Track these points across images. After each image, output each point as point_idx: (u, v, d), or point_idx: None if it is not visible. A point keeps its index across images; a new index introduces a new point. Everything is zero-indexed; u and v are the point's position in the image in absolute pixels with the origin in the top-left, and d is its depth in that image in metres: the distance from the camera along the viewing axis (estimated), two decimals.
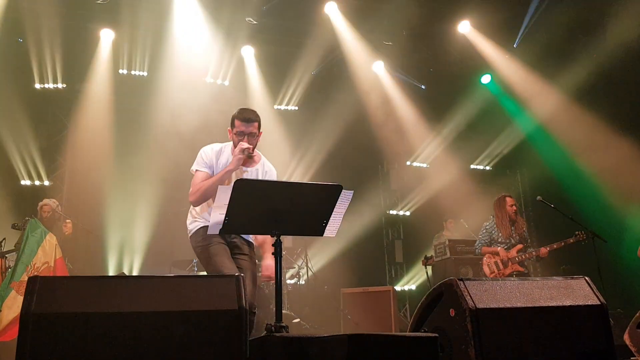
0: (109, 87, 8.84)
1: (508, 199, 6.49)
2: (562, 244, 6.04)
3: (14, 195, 8.33)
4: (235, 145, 3.76)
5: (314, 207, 3.11)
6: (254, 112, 3.84)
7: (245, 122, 3.74)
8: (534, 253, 6.19)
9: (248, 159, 3.74)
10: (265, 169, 3.94)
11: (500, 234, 6.40)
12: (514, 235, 6.38)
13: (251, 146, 3.69)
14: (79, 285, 2.25)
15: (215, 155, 3.82)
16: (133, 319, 2.18)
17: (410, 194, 10.90)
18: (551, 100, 9.00)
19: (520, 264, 6.22)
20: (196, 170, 3.79)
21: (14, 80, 8.27)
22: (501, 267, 6.26)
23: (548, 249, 6.08)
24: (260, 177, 3.87)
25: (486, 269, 6.40)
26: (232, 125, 3.80)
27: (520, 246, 6.27)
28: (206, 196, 3.67)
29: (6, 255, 5.99)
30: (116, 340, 2.15)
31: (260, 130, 3.86)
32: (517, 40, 8.94)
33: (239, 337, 2.26)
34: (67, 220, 7.15)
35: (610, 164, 8.18)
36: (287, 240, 8.13)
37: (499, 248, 6.33)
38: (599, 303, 2.90)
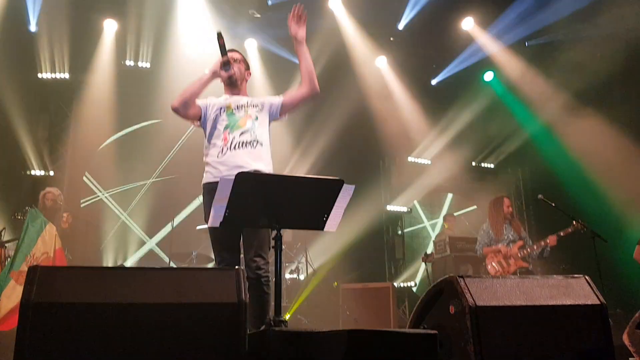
0: (111, 78, 8.82)
1: (506, 200, 6.62)
2: (562, 233, 6.05)
3: (15, 184, 8.34)
4: (224, 81, 3.97)
5: (315, 201, 3.10)
6: (237, 50, 4.07)
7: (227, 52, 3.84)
8: (542, 243, 6.17)
9: (228, 75, 3.84)
10: (261, 99, 3.95)
11: (494, 234, 6.45)
12: (511, 232, 6.41)
13: (231, 60, 3.81)
14: (79, 275, 2.24)
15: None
16: (132, 310, 2.18)
17: (411, 190, 10.88)
18: (554, 99, 8.98)
19: (523, 260, 6.24)
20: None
21: (17, 69, 8.26)
22: (505, 265, 6.28)
23: (556, 236, 6.08)
24: (255, 99, 3.92)
25: (490, 269, 6.40)
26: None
27: (521, 242, 6.30)
28: (189, 94, 3.73)
29: (6, 245, 6.00)
30: (115, 331, 2.15)
31: (249, 70, 4.07)
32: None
33: (238, 331, 2.26)
34: (65, 214, 7.15)
35: (612, 164, 8.18)
36: (286, 235, 8.13)
37: (500, 245, 6.35)
38: (598, 303, 2.89)
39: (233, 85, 3.94)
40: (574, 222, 6.00)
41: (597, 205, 8.06)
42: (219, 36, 3.70)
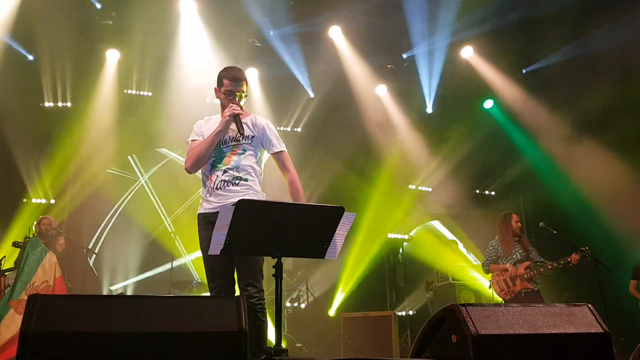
0: (113, 106, 8.89)
1: (514, 216, 6.55)
2: (569, 259, 5.99)
3: (16, 212, 8.34)
4: (223, 105, 3.76)
5: (316, 229, 3.10)
6: (241, 70, 3.82)
7: (234, 82, 3.72)
8: (561, 262, 6.05)
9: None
10: (257, 122, 3.79)
11: (502, 251, 6.41)
12: (520, 251, 6.35)
13: (240, 111, 3.66)
14: (79, 304, 2.23)
15: (205, 122, 3.85)
16: (132, 340, 2.16)
17: (412, 218, 10.85)
18: (554, 126, 9.01)
19: (529, 281, 6.15)
20: (191, 140, 3.80)
21: (20, 98, 8.33)
22: (510, 284, 6.20)
23: (579, 255, 5.96)
24: (251, 128, 3.75)
25: (496, 287, 6.33)
26: (220, 84, 3.78)
27: (527, 263, 6.21)
28: (199, 159, 3.66)
29: (5, 274, 5.98)
30: None
31: (246, 93, 3.81)
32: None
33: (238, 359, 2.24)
34: (60, 237, 7.17)
35: (613, 191, 8.17)
36: (287, 263, 8.09)
37: (508, 264, 6.29)
38: (602, 331, 2.86)
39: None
40: (582, 249, 5.94)
41: (599, 233, 8.02)
42: (236, 117, 3.61)
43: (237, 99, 3.72)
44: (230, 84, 3.73)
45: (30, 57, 8.24)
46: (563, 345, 2.76)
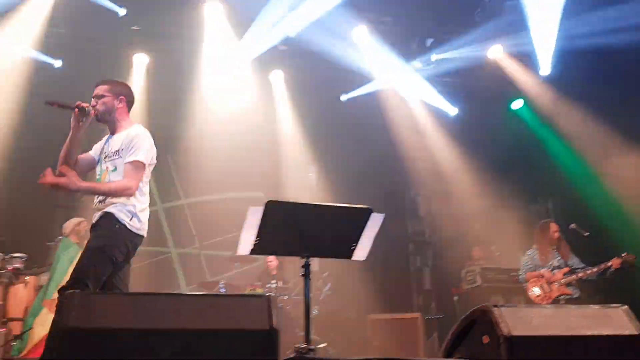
0: (140, 111, 8.98)
1: (552, 225, 6.47)
2: (610, 264, 5.86)
3: (46, 213, 8.48)
4: None
5: (344, 230, 3.10)
6: (108, 80, 3.95)
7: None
8: (602, 266, 5.92)
9: (91, 119, 3.70)
10: (130, 133, 3.72)
11: (539, 260, 6.32)
12: (558, 258, 6.24)
13: (85, 104, 3.65)
14: (114, 301, 2.27)
15: None
16: (165, 337, 2.19)
17: (439, 221, 10.75)
18: (586, 128, 8.81)
19: (568, 287, 6.03)
20: None
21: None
22: (547, 289, 6.09)
23: (621, 260, 5.82)
24: (117, 148, 3.68)
25: (531, 295, 6.22)
26: None
27: (566, 269, 6.11)
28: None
29: (39, 274, 6.10)
30: (147, 357, 2.15)
31: (122, 96, 3.92)
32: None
33: (270, 358, 2.25)
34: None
35: None
36: (313, 264, 8.07)
37: (543, 270, 6.20)
38: (637, 333, 2.81)
39: (104, 123, 3.80)
40: (624, 255, 5.82)
41: (630, 235, 7.84)
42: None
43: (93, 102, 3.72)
44: None
45: (58, 64, 8.38)
46: (597, 347, 2.71)
